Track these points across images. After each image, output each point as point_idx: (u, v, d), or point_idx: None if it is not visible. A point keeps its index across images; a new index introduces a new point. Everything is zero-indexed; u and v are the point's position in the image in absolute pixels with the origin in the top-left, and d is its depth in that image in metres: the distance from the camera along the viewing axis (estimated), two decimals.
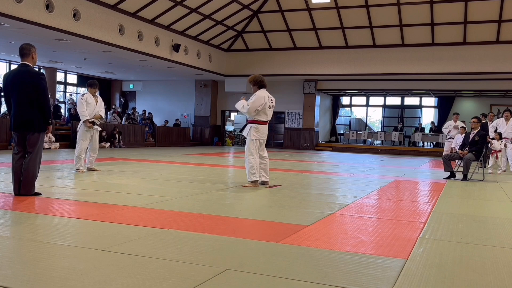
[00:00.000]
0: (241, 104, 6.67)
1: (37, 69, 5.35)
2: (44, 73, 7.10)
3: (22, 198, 4.93)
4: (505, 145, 10.83)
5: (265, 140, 6.83)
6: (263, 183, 6.80)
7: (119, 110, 22.21)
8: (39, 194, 5.14)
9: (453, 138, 12.63)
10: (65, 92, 22.11)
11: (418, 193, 7.09)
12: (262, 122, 6.62)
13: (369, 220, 4.47)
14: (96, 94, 8.34)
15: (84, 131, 7.97)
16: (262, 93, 6.57)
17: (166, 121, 22.63)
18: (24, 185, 5.04)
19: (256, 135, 6.59)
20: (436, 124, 22.61)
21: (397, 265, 2.95)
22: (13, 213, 4.24)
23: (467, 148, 8.88)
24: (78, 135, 8.02)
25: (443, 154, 12.05)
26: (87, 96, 8.16)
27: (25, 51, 5.13)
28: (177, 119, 23.41)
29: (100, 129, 8.29)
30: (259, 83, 6.65)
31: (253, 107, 6.49)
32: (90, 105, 8.08)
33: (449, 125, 13.10)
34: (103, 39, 14.34)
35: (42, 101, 5.08)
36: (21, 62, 5.16)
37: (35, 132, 5.09)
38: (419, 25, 18.03)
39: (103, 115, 8.62)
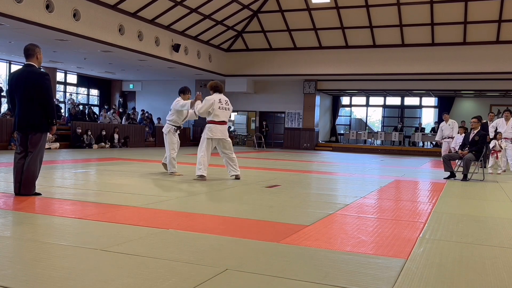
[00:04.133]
0: (198, 106, 7.36)
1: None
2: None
3: (22, 198, 4.93)
4: (498, 145, 10.84)
5: (226, 140, 7.32)
6: (236, 177, 7.46)
7: (120, 110, 22.20)
8: (39, 194, 5.14)
9: (450, 138, 12.64)
10: (65, 92, 22.12)
11: (418, 193, 7.09)
12: (215, 122, 7.25)
13: (369, 220, 4.47)
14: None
15: (172, 135, 7.94)
16: (213, 97, 7.28)
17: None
18: (24, 185, 5.04)
19: (209, 133, 7.22)
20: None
21: (397, 265, 2.95)
22: (14, 213, 4.24)
23: (467, 148, 8.88)
24: (168, 139, 7.92)
25: (442, 154, 12.06)
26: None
27: (29, 51, 5.13)
28: None
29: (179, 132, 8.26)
30: (214, 89, 7.44)
31: (201, 108, 7.24)
32: (183, 113, 8.00)
33: (441, 126, 13.17)
34: (103, 39, 14.34)
35: (46, 101, 5.06)
36: (25, 63, 5.17)
37: (38, 132, 5.08)
38: (419, 25, 18.03)
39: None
